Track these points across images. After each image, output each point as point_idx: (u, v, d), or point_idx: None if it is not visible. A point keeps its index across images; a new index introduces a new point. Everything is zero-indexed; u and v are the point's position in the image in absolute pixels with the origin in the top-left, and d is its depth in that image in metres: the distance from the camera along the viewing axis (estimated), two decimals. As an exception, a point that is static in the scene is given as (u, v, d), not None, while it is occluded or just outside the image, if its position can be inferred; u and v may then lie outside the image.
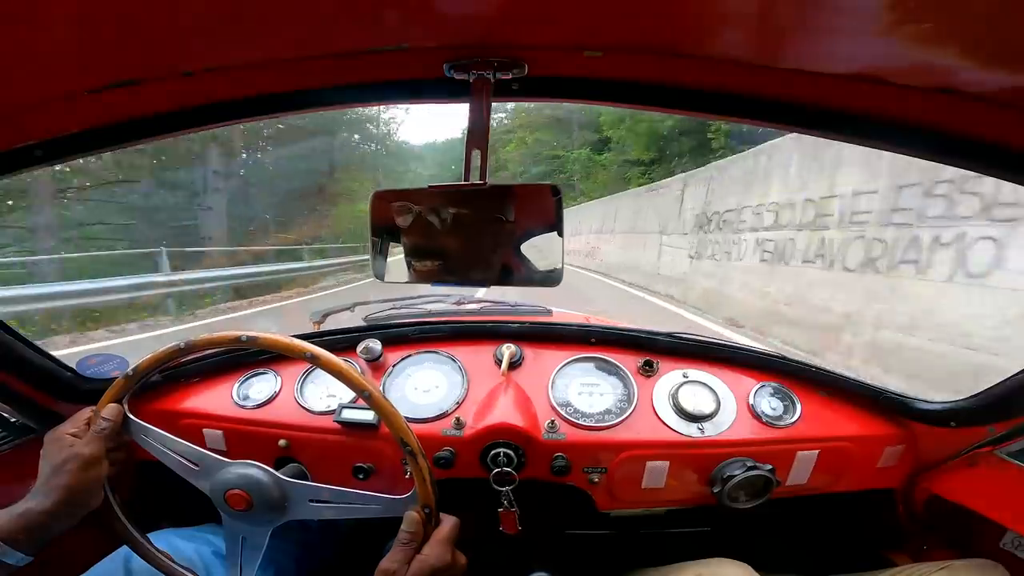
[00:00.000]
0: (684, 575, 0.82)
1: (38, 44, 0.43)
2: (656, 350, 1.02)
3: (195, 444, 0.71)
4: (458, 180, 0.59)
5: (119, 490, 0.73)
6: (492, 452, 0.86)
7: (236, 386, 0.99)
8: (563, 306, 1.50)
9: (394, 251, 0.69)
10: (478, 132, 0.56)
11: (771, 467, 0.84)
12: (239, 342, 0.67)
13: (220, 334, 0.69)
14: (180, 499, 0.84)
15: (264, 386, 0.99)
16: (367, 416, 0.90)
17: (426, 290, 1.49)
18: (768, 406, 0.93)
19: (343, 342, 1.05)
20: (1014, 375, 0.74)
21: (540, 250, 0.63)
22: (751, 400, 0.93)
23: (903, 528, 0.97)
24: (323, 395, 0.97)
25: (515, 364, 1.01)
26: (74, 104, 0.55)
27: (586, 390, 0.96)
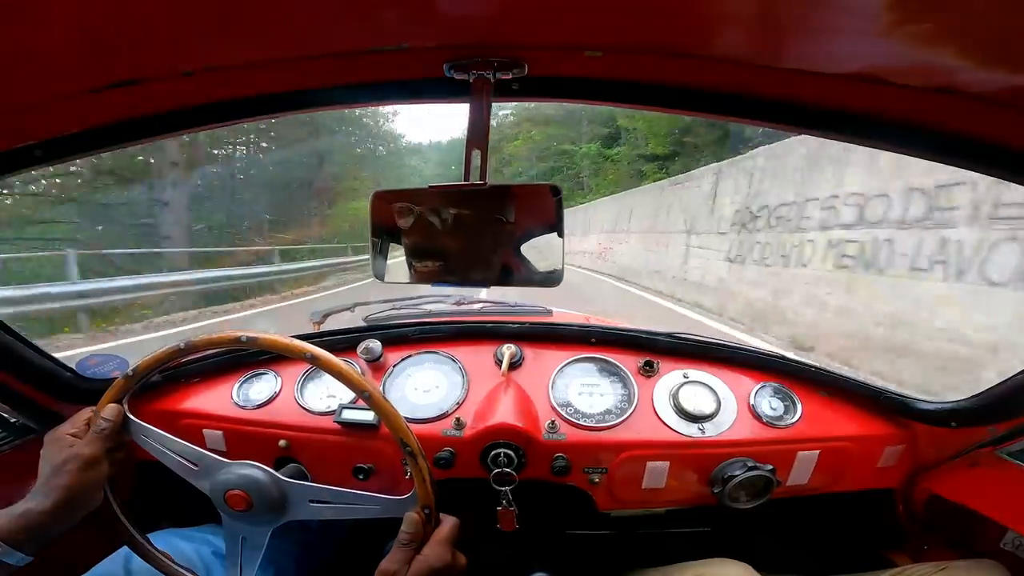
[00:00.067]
0: (684, 575, 0.82)
1: (38, 44, 0.43)
2: (656, 350, 1.02)
3: (195, 444, 0.70)
4: (459, 180, 0.59)
5: (119, 490, 0.73)
6: (492, 452, 0.86)
7: (236, 386, 0.99)
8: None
9: (394, 251, 0.69)
10: (478, 132, 0.56)
11: (771, 467, 0.84)
12: (239, 342, 0.67)
13: (220, 334, 0.69)
14: (180, 499, 0.84)
15: (264, 386, 0.99)
16: (367, 416, 0.90)
17: (426, 290, 1.49)
18: (768, 406, 0.93)
19: (343, 342, 1.05)
20: (1014, 375, 0.74)
21: (540, 250, 0.63)
22: (751, 400, 0.93)
23: (903, 528, 0.97)
24: (323, 395, 0.97)
25: (515, 364, 1.01)
26: (74, 104, 0.55)
27: (586, 390, 0.96)
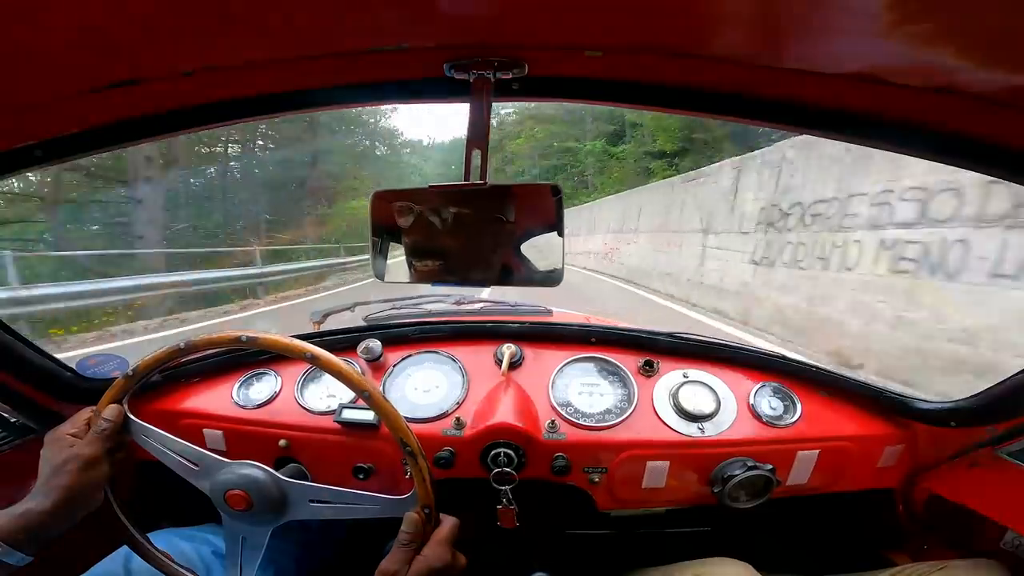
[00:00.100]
0: (684, 575, 0.82)
1: (38, 44, 0.43)
2: (656, 350, 1.02)
3: (195, 444, 0.70)
4: (459, 180, 0.59)
5: (119, 490, 0.73)
6: (492, 452, 0.86)
7: (236, 386, 0.99)
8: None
9: (394, 251, 0.69)
10: (478, 132, 0.56)
11: (771, 467, 0.85)
12: (239, 342, 0.67)
13: (220, 334, 0.68)
14: (180, 499, 0.84)
15: (264, 386, 0.99)
16: (367, 416, 0.90)
17: (426, 290, 1.49)
18: (768, 406, 0.93)
19: (343, 342, 1.05)
20: (1014, 375, 0.74)
21: (540, 250, 0.63)
22: (751, 400, 0.93)
23: (903, 528, 0.97)
24: (323, 395, 0.97)
25: (515, 364, 1.01)
26: (74, 104, 0.55)
27: (586, 390, 0.96)
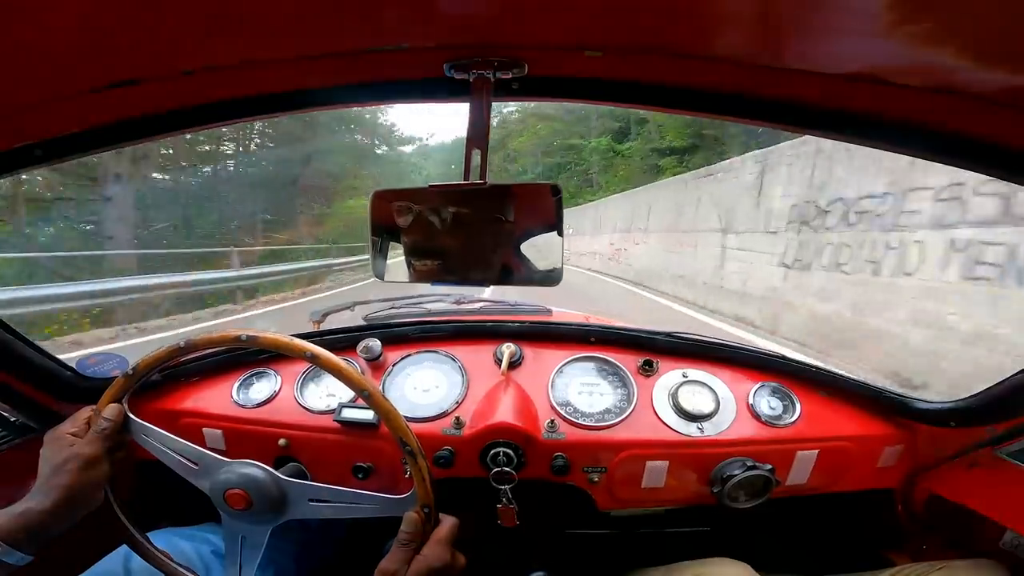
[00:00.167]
0: (684, 575, 0.82)
1: (38, 44, 0.43)
2: (656, 350, 1.02)
3: (195, 443, 0.70)
4: (459, 179, 0.59)
5: (119, 490, 0.73)
6: (492, 452, 0.86)
7: (236, 385, 0.99)
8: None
9: (394, 251, 0.69)
10: (478, 132, 0.56)
11: (771, 467, 0.85)
12: (239, 341, 0.67)
13: (220, 333, 0.69)
14: (180, 499, 0.84)
15: (264, 385, 0.99)
16: (367, 415, 0.90)
17: (426, 289, 1.49)
18: (768, 406, 0.93)
19: (343, 341, 1.05)
20: (1014, 375, 0.74)
21: (540, 250, 0.63)
22: (751, 400, 0.93)
23: (903, 528, 0.97)
24: (323, 394, 0.97)
25: (515, 364, 1.01)
26: (74, 104, 0.55)
27: (586, 390, 0.96)
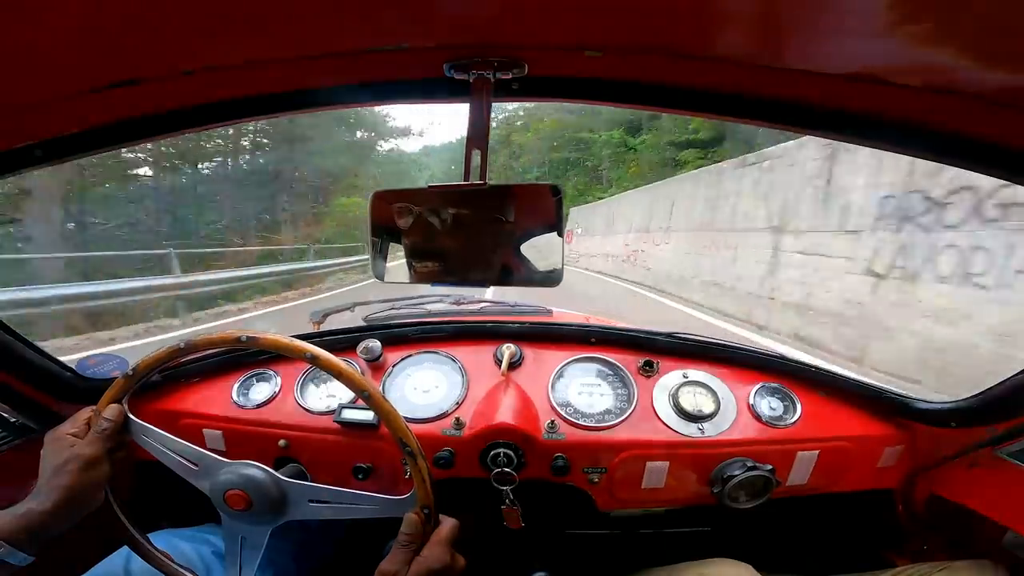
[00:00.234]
0: (684, 575, 0.82)
1: (38, 44, 0.43)
2: (656, 350, 1.02)
3: (195, 444, 0.70)
4: (459, 180, 0.59)
5: (119, 490, 0.73)
6: (492, 452, 0.86)
7: (236, 386, 0.99)
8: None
9: (394, 251, 0.69)
10: (478, 132, 0.56)
11: (771, 467, 0.84)
12: (239, 342, 0.67)
13: (220, 334, 0.68)
14: (180, 499, 0.84)
15: (264, 386, 0.99)
16: (367, 416, 0.90)
17: (426, 290, 1.49)
18: (768, 406, 0.93)
19: (343, 342, 1.05)
20: (1014, 375, 0.74)
21: (540, 250, 0.63)
22: (751, 400, 0.93)
23: (903, 528, 0.97)
24: (323, 395, 0.97)
25: (515, 364, 1.00)
26: (74, 104, 0.55)
27: (586, 390, 0.96)
